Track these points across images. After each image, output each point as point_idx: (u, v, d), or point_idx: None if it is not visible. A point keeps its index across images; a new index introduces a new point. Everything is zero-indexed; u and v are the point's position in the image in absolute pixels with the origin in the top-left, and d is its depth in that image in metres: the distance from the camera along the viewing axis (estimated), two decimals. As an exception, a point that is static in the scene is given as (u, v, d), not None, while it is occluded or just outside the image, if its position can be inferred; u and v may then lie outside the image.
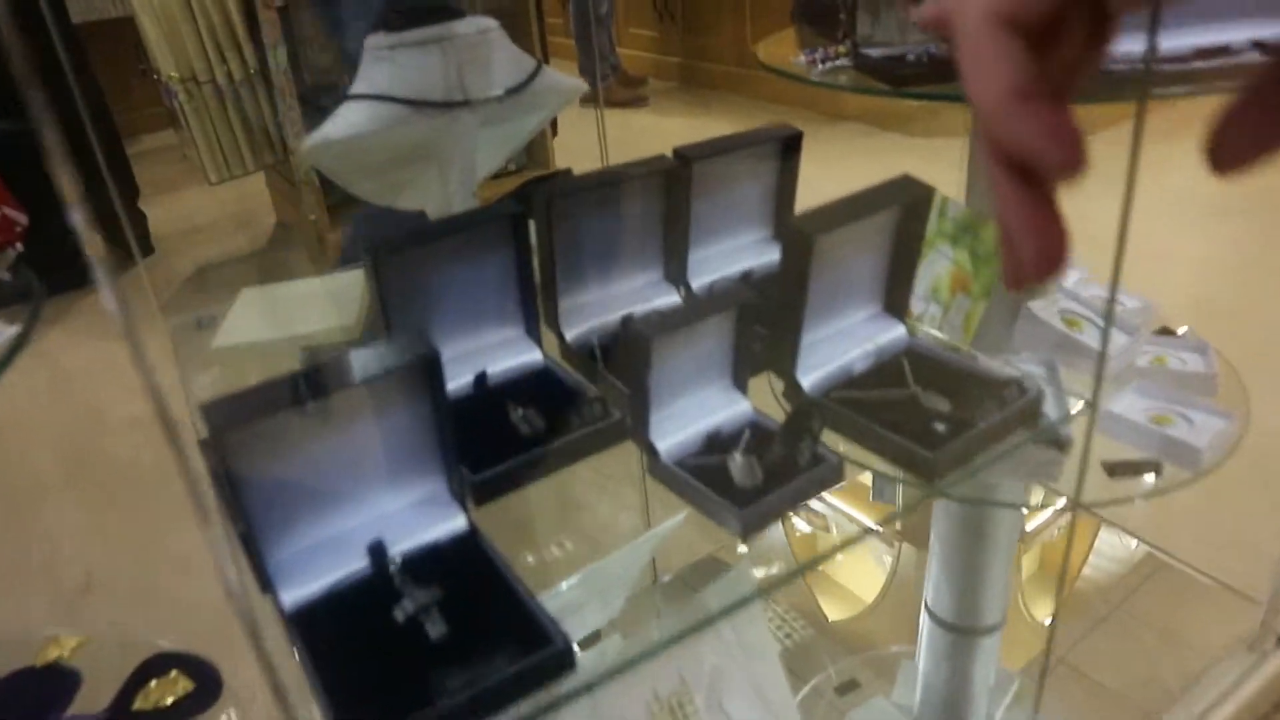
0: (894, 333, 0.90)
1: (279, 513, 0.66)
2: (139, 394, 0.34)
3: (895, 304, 0.89)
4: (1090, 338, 1.23)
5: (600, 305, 0.96)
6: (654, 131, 3.64)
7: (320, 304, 1.08)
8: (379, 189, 1.06)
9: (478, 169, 1.05)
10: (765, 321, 0.83)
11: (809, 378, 0.84)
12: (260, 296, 1.12)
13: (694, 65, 4.13)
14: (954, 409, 0.80)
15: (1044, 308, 1.25)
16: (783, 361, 0.83)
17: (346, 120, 0.89)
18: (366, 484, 0.69)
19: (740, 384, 0.82)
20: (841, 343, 0.87)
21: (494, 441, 0.80)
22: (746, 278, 1.03)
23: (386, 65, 0.89)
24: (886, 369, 0.87)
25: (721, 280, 1.02)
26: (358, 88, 0.90)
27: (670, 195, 0.94)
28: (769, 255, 1.05)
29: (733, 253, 1.04)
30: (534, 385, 0.88)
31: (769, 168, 1.02)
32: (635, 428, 0.78)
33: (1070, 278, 1.39)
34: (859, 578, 1.82)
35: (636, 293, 0.98)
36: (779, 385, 0.87)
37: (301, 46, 2.67)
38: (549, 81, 0.97)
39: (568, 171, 1.19)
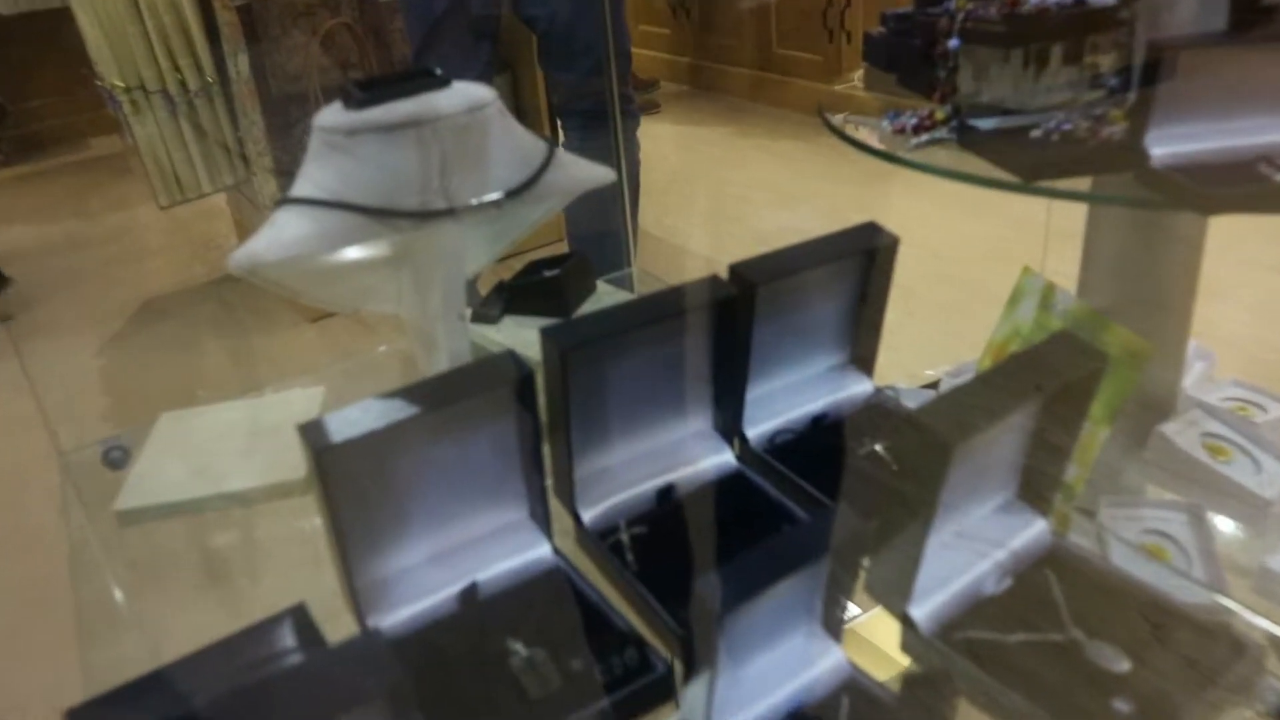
0: (1032, 531, 0.70)
1: None
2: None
3: (1037, 492, 0.70)
4: (1242, 471, 1.03)
5: (629, 471, 0.78)
6: (672, 141, 3.43)
7: (259, 443, 0.88)
8: (337, 296, 0.87)
9: (467, 272, 0.86)
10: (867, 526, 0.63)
11: (926, 607, 0.64)
12: (183, 426, 0.93)
13: (708, 67, 3.92)
14: (1135, 671, 0.60)
15: (1181, 431, 1.05)
16: (893, 593, 0.63)
17: (285, 234, 0.68)
18: None
19: (834, 627, 0.62)
20: (967, 552, 0.68)
21: (487, 708, 0.60)
22: (818, 424, 0.84)
23: (341, 158, 0.69)
24: (1027, 587, 0.67)
25: (784, 433, 0.83)
26: (301, 188, 0.70)
27: (724, 326, 0.75)
28: (844, 389, 0.87)
29: (799, 388, 0.86)
30: (541, 602, 0.69)
31: (850, 282, 0.83)
32: (691, 706, 0.58)
33: (1193, 368, 1.19)
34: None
35: (677, 450, 0.80)
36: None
37: (266, 52, 2.46)
38: (563, 172, 0.77)
39: (584, 261, 0.99)
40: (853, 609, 0.64)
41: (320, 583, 0.65)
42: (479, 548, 0.70)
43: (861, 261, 0.81)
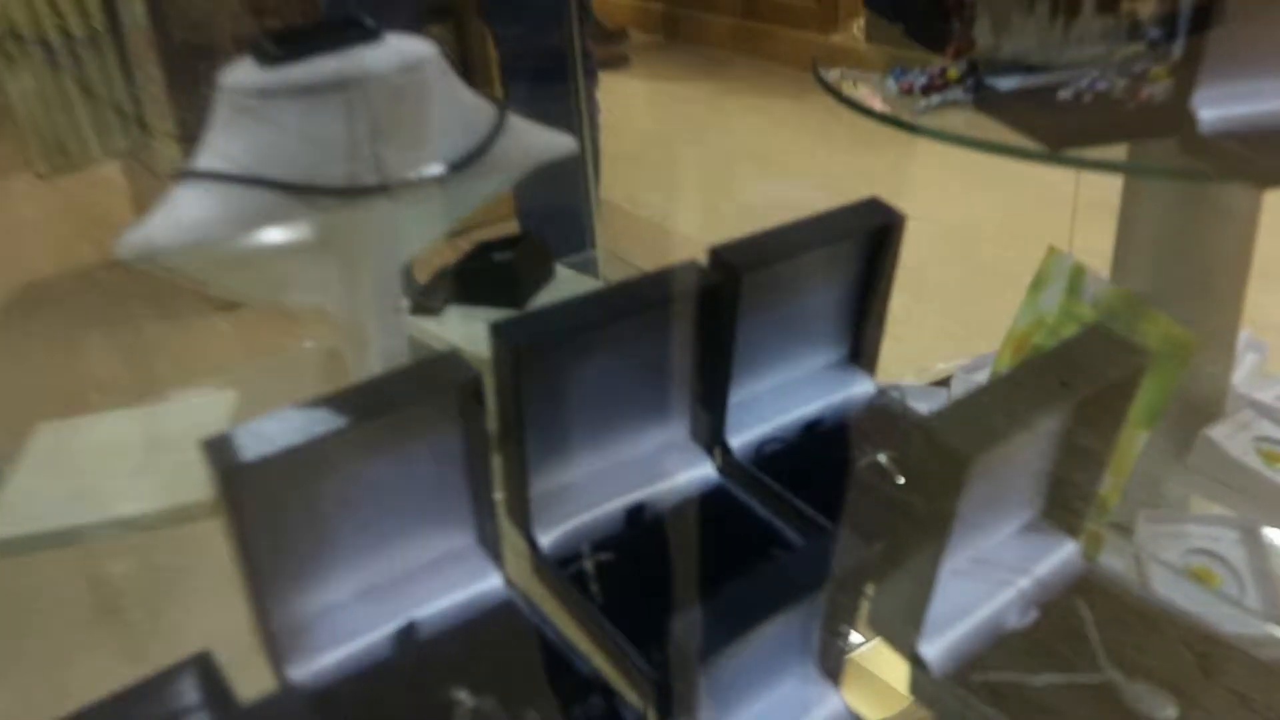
0: (1061, 555, 0.71)
1: None
2: None
3: (1067, 510, 0.71)
4: (1303, 482, 1.04)
5: (593, 488, 0.78)
6: (643, 100, 3.43)
7: (157, 459, 0.88)
8: (250, 285, 0.86)
9: (402, 256, 0.85)
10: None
11: (940, 644, 0.65)
12: (64, 439, 0.92)
13: (685, 15, 3.92)
14: (1183, 716, 0.61)
15: (1231, 434, 1.06)
16: (901, 628, 0.64)
17: (185, 215, 0.68)
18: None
19: (832, 669, 0.63)
20: (987, 580, 0.69)
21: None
22: (811, 431, 0.85)
23: (253, 125, 0.68)
24: (1056, 619, 0.68)
25: (772, 442, 0.83)
26: (205, 159, 0.69)
27: (703, 319, 0.76)
28: (843, 389, 0.88)
29: (791, 389, 0.87)
30: (491, 642, 0.69)
31: (849, 266, 0.84)
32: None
33: (1244, 362, 1.20)
34: None
35: (649, 463, 0.80)
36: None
37: (166, -6, 2.44)
38: (516, 141, 0.77)
39: (540, 243, 0.99)
40: (854, 637, 0.65)
41: (229, 625, 0.65)
42: (418, 580, 0.70)
43: (863, 243, 0.82)
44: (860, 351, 0.88)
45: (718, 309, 0.75)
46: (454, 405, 0.66)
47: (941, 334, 1.82)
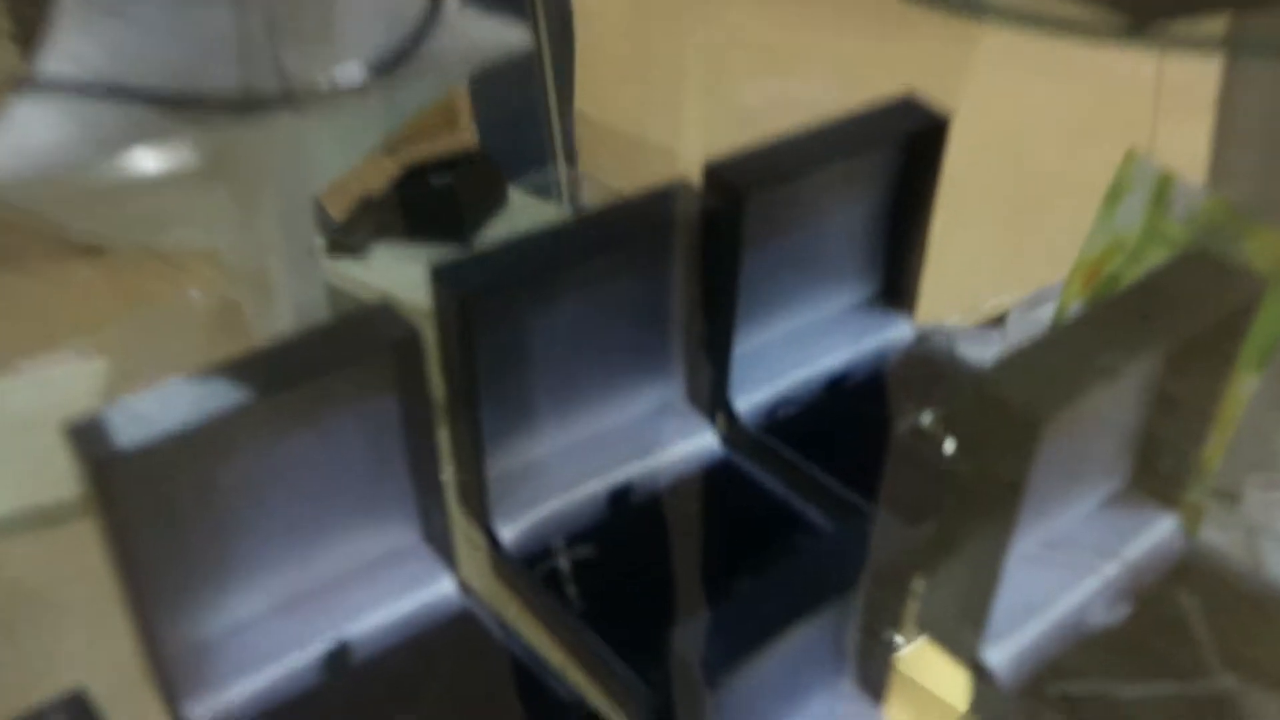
0: (1156, 533, 0.73)
1: None
2: None
3: (1162, 478, 0.73)
4: None
5: (565, 466, 0.79)
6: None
7: (8, 446, 0.88)
8: (120, 225, 0.85)
9: (315, 184, 0.85)
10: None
11: (1007, 649, 0.66)
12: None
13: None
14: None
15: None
16: (958, 630, 0.65)
17: (29, 138, 0.67)
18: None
19: (874, 684, 0.65)
20: (1064, 567, 0.71)
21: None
22: (836, 388, 0.87)
23: (111, 22, 0.68)
24: (1151, 614, 0.70)
25: (788, 404, 0.85)
26: (51, 63, 0.68)
27: (698, 253, 0.77)
28: (874, 335, 0.91)
29: (809, 338, 0.89)
30: (443, 662, 0.69)
31: (880, 182, 0.86)
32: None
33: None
34: None
35: (635, 433, 0.82)
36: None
37: None
38: (454, 34, 0.76)
39: (488, 161, 0.99)
40: (898, 642, 0.66)
41: (110, 653, 0.65)
42: (349, 589, 0.71)
43: (896, 152, 0.83)
44: (895, 287, 0.90)
45: (716, 239, 0.76)
46: (388, 369, 0.66)
47: (993, 262, 1.83)
